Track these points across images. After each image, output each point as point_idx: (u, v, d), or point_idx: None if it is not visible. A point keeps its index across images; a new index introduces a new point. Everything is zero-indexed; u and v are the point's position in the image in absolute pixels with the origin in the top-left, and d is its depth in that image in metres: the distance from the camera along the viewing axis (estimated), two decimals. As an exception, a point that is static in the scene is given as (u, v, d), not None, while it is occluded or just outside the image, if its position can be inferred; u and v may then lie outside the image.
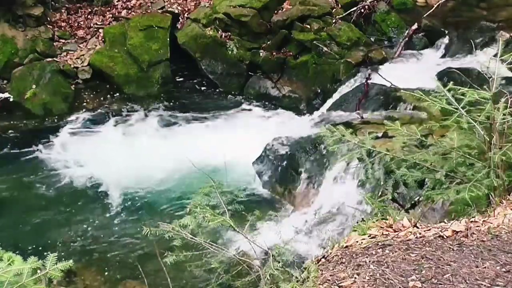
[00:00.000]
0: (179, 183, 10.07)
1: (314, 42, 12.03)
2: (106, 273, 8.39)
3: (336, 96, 11.34)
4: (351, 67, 11.67)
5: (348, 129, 5.88)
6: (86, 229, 9.30)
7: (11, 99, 12.17)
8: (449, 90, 5.18)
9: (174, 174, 10.18)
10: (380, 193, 6.86)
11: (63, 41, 13.07)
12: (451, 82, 5.32)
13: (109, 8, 13.62)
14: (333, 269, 3.87)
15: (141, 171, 10.28)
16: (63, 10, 13.49)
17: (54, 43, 12.93)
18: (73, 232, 9.22)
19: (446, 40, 11.64)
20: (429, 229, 4.29)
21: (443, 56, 11.43)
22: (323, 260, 4.12)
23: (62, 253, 8.09)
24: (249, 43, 12.62)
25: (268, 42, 12.54)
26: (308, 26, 12.26)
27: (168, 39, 12.83)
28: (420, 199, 7.29)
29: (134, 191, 10.00)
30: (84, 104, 12.42)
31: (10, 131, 11.72)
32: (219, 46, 12.58)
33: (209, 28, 12.63)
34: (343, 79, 11.60)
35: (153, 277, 6.95)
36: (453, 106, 5.15)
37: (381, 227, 4.43)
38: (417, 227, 4.36)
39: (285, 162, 9.82)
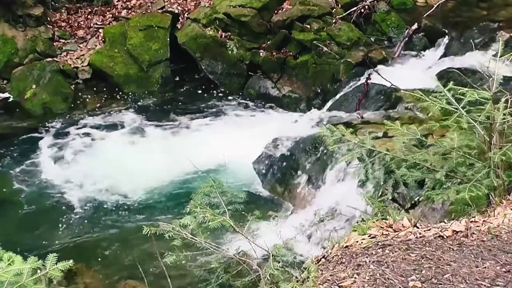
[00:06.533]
0: (179, 183, 10.07)
1: (314, 42, 12.03)
2: (106, 273, 8.39)
3: (336, 96, 11.33)
4: (351, 67, 11.66)
5: (348, 129, 5.88)
6: (86, 228, 9.30)
7: (11, 99, 12.19)
8: (449, 90, 5.18)
9: (174, 174, 10.18)
10: (380, 193, 6.86)
11: (63, 41, 13.07)
12: (451, 82, 5.32)
13: (109, 8, 13.62)
14: (333, 269, 3.87)
15: (141, 171, 10.27)
16: (63, 10, 13.50)
17: (54, 43, 12.94)
18: (73, 232, 9.22)
19: (446, 40, 11.62)
20: (429, 229, 4.29)
21: (443, 56, 11.41)
22: (323, 260, 4.12)
23: (62, 253, 8.09)
24: (249, 43, 12.62)
25: (268, 42, 12.55)
26: (308, 26, 12.25)
27: (168, 39, 12.83)
28: (420, 199, 7.30)
29: (134, 191, 9.99)
30: (84, 104, 12.43)
31: (9, 131, 11.71)
32: (219, 46, 12.58)
33: (209, 28, 12.63)
34: (343, 79, 11.59)
35: (153, 277, 6.95)
36: (453, 106, 5.15)
37: (381, 227, 4.43)
38: (417, 227, 4.36)
39: (285, 162, 9.82)
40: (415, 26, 12.00)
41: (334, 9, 12.56)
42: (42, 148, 11.20)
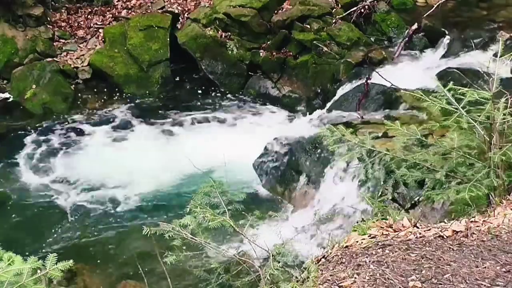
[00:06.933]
0: (179, 183, 10.07)
1: (314, 42, 12.02)
2: (106, 273, 8.39)
3: (336, 96, 11.33)
4: (351, 67, 11.65)
5: (348, 129, 5.88)
6: (86, 228, 9.30)
7: (11, 99, 12.19)
8: (449, 90, 5.18)
9: (174, 175, 10.18)
10: (380, 193, 6.86)
11: (63, 41, 13.07)
12: (451, 82, 5.32)
13: (109, 8, 13.62)
14: (333, 269, 3.87)
15: (141, 171, 10.27)
16: (63, 10, 13.49)
17: (54, 43, 12.94)
18: (73, 232, 9.22)
19: (446, 40, 11.62)
20: (429, 229, 4.29)
21: (443, 56, 11.41)
22: (323, 260, 4.12)
23: (62, 253, 8.09)
24: (249, 43, 12.62)
25: (268, 42, 12.55)
26: (308, 26, 12.25)
27: (168, 39, 12.83)
28: (420, 199, 7.30)
29: (133, 191, 9.99)
30: (84, 104, 12.43)
31: (9, 131, 11.71)
32: (219, 46, 12.58)
33: (209, 28, 12.63)
34: (343, 79, 11.59)
35: (153, 277, 6.95)
36: (453, 106, 5.15)
37: (381, 227, 4.43)
38: (417, 227, 4.36)
39: (285, 162, 9.82)
40: (415, 26, 11.99)
41: (334, 9, 12.56)
42: (41, 148, 11.19)
